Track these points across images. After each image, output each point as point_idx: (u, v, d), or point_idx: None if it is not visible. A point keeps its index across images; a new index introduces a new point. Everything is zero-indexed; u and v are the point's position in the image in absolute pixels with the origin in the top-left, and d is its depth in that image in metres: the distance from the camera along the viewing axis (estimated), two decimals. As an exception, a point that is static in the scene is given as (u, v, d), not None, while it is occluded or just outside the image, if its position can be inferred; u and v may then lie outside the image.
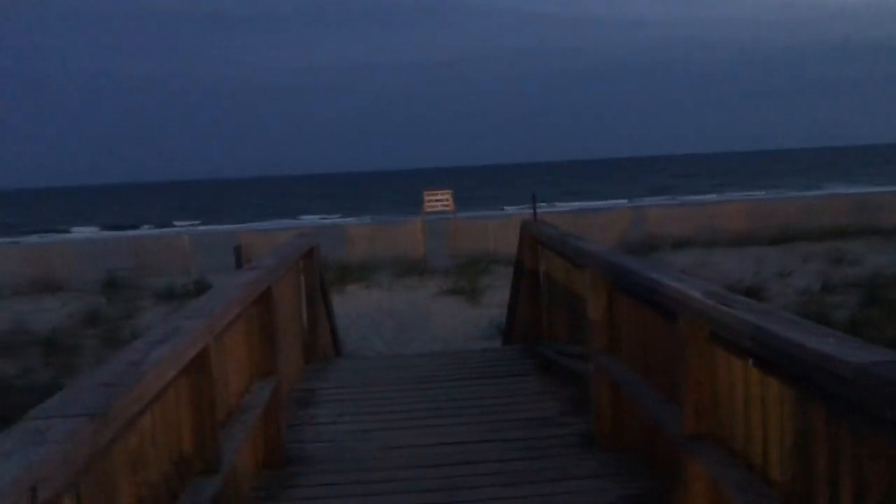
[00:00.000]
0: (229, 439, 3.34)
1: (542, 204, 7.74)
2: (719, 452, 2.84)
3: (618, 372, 4.18)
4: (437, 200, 22.15)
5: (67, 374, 11.29)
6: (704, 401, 2.97)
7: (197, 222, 56.04)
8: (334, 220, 48.49)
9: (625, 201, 51.00)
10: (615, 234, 20.03)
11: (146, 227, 54.10)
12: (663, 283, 3.26)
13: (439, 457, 4.46)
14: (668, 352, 3.44)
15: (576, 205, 47.35)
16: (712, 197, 50.06)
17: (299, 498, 4.01)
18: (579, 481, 4.05)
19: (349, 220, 44.92)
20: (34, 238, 46.54)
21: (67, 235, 47.45)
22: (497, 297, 14.24)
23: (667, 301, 3.22)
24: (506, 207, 49.33)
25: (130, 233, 43.05)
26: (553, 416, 5.13)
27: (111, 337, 13.04)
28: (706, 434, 2.96)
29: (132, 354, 2.44)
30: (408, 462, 4.41)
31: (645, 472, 3.99)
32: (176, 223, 56.27)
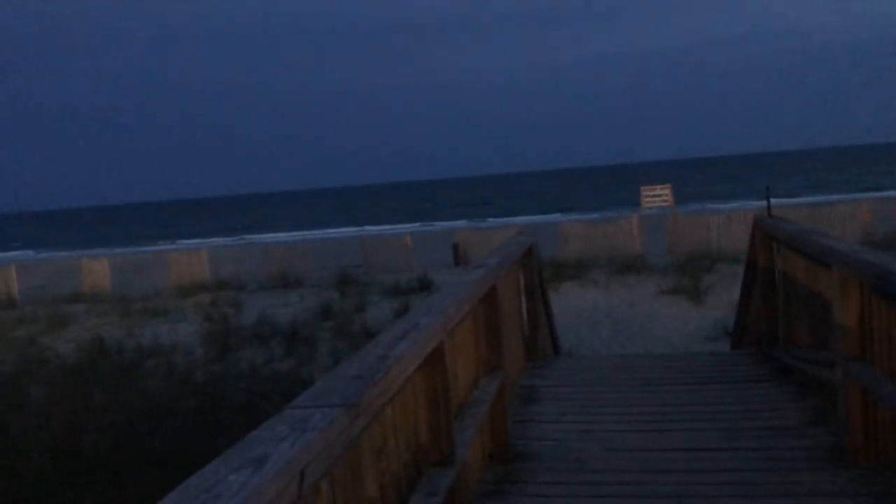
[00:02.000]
0: (462, 432, 3.43)
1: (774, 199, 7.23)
2: None
3: (872, 381, 3.80)
4: (655, 195, 21.47)
5: (306, 363, 12.25)
6: None
7: (418, 224, 58.44)
8: (549, 217, 48.55)
9: (865, 194, 46.42)
10: (856, 228, 18.34)
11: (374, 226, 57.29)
12: None
13: (669, 462, 4.30)
14: None
15: (809, 198, 43.81)
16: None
17: (527, 494, 4.04)
18: (827, 498, 3.73)
19: (564, 217, 44.75)
20: (272, 236, 50.99)
21: (306, 235, 51.41)
22: (722, 297, 13.53)
23: None
24: (726, 202, 46.75)
25: (360, 232, 45.72)
26: (794, 425, 4.77)
27: (343, 330, 13.98)
28: None
29: (378, 349, 2.57)
30: (636, 466, 4.29)
31: None
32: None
